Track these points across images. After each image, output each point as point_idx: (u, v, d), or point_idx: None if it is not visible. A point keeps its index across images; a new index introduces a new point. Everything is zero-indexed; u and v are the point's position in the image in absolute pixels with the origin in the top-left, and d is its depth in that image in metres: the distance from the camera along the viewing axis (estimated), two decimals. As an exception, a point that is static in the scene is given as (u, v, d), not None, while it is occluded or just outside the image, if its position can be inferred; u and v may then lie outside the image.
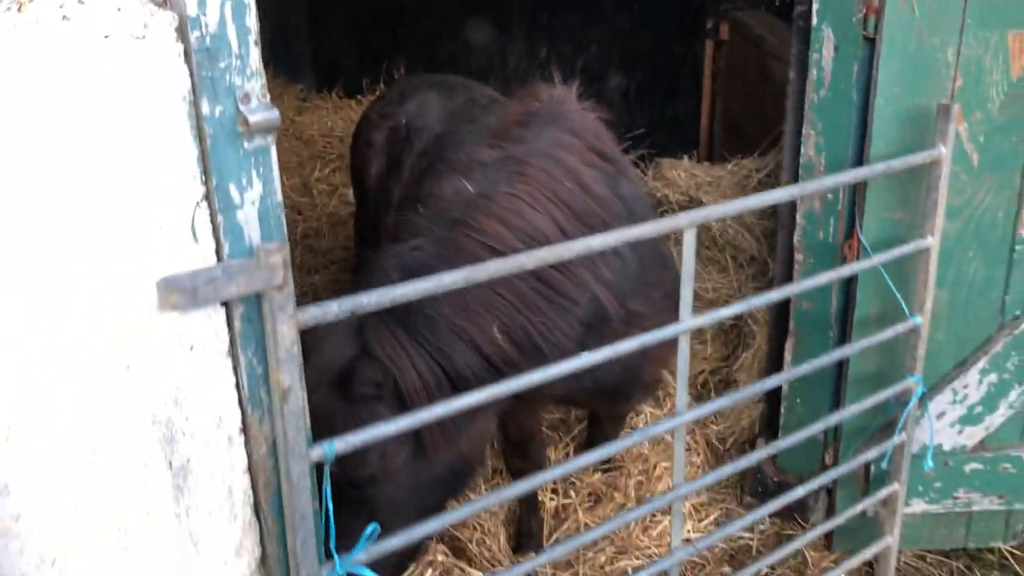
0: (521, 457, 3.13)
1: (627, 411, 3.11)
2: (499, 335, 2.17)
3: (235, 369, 1.66)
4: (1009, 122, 2.85)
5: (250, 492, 1.75)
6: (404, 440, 2.15)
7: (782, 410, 3.39)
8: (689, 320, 2.30)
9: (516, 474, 3.21)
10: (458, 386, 2.16)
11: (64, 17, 1.31)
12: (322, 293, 4.84)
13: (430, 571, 2.81)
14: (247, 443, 1.72)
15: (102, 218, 1.44)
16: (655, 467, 3.43)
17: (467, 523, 3.08)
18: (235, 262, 1.57)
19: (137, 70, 1.41)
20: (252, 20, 1.50)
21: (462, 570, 2.86)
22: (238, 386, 1.67)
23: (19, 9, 1.26)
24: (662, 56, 6.35)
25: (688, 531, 3.37)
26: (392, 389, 2.11)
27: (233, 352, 1.65)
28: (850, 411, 2.90)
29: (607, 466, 3.46)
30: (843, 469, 2.98)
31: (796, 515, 3.46)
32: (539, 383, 1.98)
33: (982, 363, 3.07)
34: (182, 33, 1.44)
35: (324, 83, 7.86)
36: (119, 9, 1.35)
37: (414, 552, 2.41)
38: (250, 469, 1.74)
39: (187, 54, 1.45)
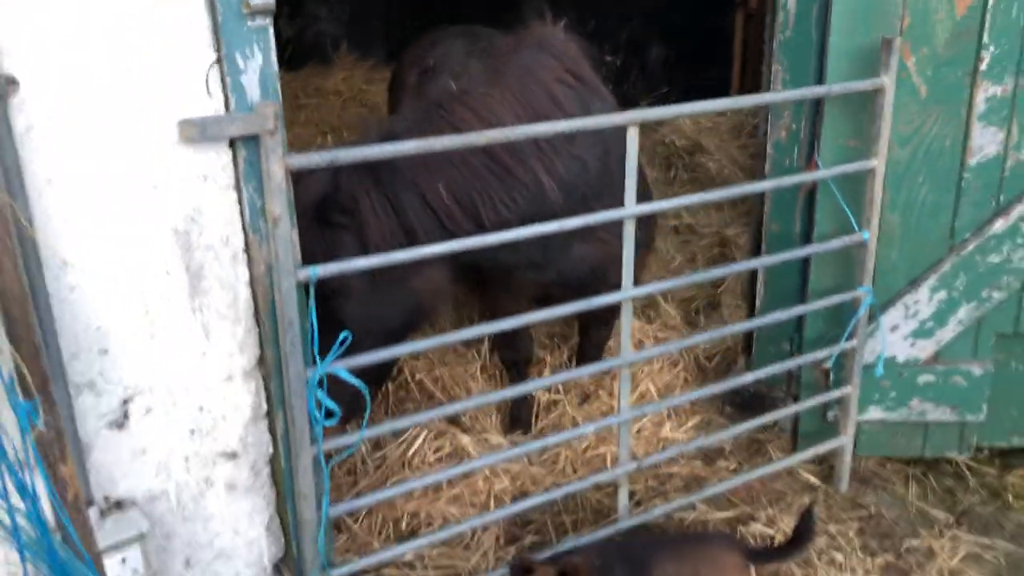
0: (512, 349, 3.57)
1: (608, 317, 3.49)
2: (444, 191, 2.65)
3: (239, 200, 2.17)
4: (954, 57, 3.16)
5: (251, 302, 2.26)
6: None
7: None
8: (633, 207, 2.73)
9: (507, 366, 3.67)
10: (408, 230, 2.64)
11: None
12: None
13: (425, 432, 3.30)
14: (249, 262, 2.23)
15: (143, 71, 1.96)
16: (640, 371, 3.84)
17: (461, 398, 3.55)
18: (238, 113, 2.09)
19: (166, -41, 1.93)
20: (253, -76, 2.00)
21: (454, 435, 3.33)
22: (241, 214, 2.18)
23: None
24: (698, 27, 6.72)
25: (669, 430, 3.77)
26: (356, 222, 2.60)
27: (238, 186, 2.15)
28: (800, 309, 3.28)
29: (594, 369, 3.88)
30: (799, 360, 3.36)
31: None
32: (478, 247, 2.44)
33: (932, 281, 3.39)
34: (199, -67, 1.95)
35: (394, 58, 8.44)
36: (152, -87, 1.87)
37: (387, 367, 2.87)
38: (251, 283, 2.25)
39: (203, -50, 1.96)
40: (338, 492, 3.29)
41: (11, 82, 1.80)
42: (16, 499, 1.78)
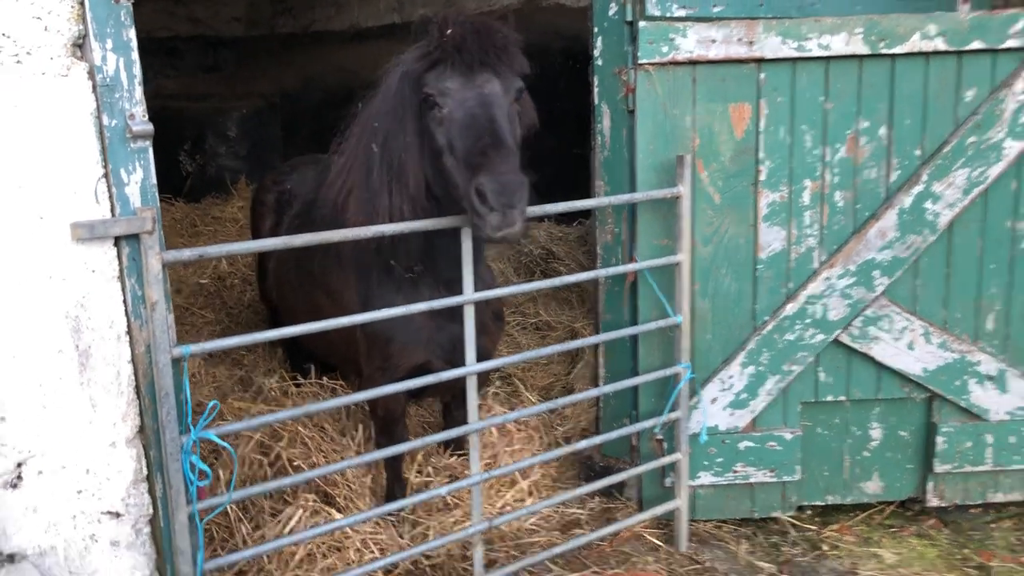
0: (387, 437, 3.96)
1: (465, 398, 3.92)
2: None
3: (123, 289, 2.59)
4: (739, 171, 3.83)
5: (132, 377, 2.65)
6: None
7: (601, 405, 4.27)
8: (471, 295, 3.23)
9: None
10: None
11: (18, 61, 2.31)
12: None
13: (300, 512, 3.63)
14: (131, 342, 2.63)
15: (39, 182, 2.41)
16: (502, 452, 4.27)
17: (337, 482, 3.90)
18: (122, 216, 2.54)
19: (62, 95, 2.41)
20: (136, 69, 2.50)
21: (328, 513, 3.68)
22: (125, 301, 2.60)
23: (-8, 55, 2.26)
24: (564, 156, 7.49)
25: (526, 489, 4.17)
26: None
27: (121, 278, 2.58)
28: (631, 381, 3.78)
29: (462, 452, 4.30)
30: (632, 428, 3.83)
31: (614, 489, 4.27)
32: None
33: (741, 358, 3.95)
34: (91, 74, 2.44)
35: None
36: (51, 59, 2.36)
37: None
38: (133, 361, 2.64)
39: (94, 87, 2.45)
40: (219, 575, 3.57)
41: (-70, 192, 2.23)
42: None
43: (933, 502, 4.15)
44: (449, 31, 3.05)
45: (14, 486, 2.47)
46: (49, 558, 2.55)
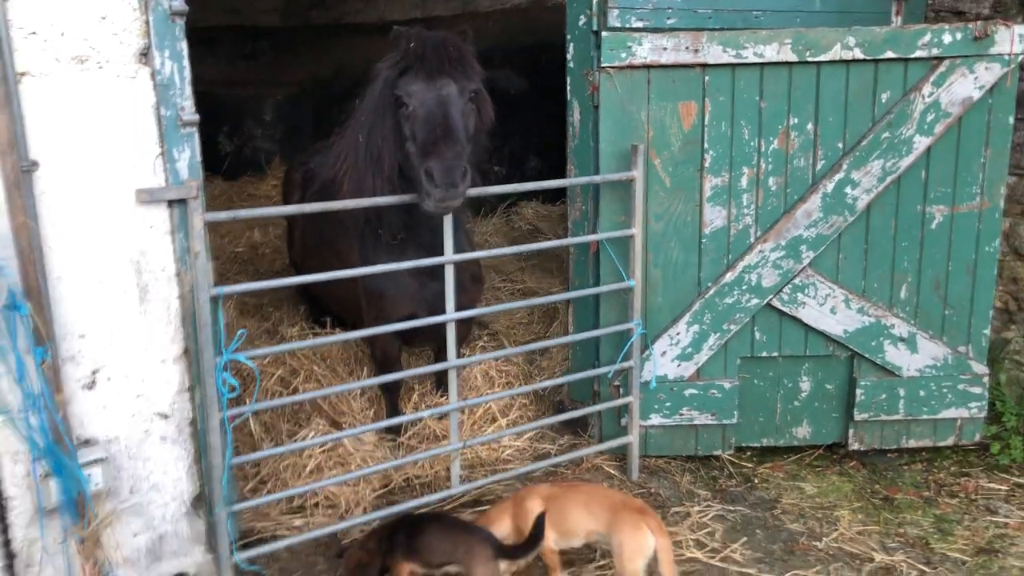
0: (385, 374, 4.72)
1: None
2: None
3: (173, 241, 3.36)
4: (687, 158, 4.52)
5: (180, 310, 3.42)
6: None
7: (570, 359, 5.00)
8: (451, 256, 3.97)
9: (383, 388, 4.83)
10: None
11: (100, 67, 3.09)
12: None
13: (312, 432, 4.41)
14: (179, 283, 3.40)
15: (113, 158, 3.18)
16: (483, 394, 5.02)
17: (345, 412, 4.68)
18: (173, 185, 3.31)
19: (131, 93, 3.18)
20: (187, 72, 3.26)
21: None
22: (174, 251, 3.37)
23: (80, 62, 3.04)
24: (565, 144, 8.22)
25: (504, 425, 4.92)
26: None
27: (172, 232, 3.35)
28: (591, 333, 4.51)
29: (450, 393, 5.06)
30: (591, 372, 4.56)
31: (580, 429, 5.01)
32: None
33: (687, 318, 4.65)
34: (152, 76, 3.21)
35: (321, 169, 9.83)
36: (124, 65, 3.13)
37: None
38: (180, 298, 3.42)
39: (155, 86, 3.22)
40: (244, 482, 4.37)
41: (35, 164, 3.01)
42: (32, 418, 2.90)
43: (854, 446, 4.83)
44: (412, 44, 3.78)
45: (90, 387, 3.25)
46: (115, 445, 3.34)
